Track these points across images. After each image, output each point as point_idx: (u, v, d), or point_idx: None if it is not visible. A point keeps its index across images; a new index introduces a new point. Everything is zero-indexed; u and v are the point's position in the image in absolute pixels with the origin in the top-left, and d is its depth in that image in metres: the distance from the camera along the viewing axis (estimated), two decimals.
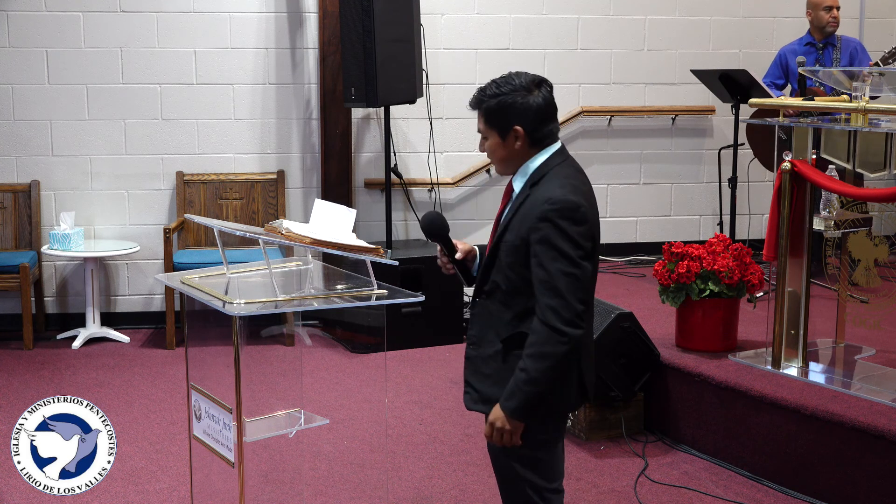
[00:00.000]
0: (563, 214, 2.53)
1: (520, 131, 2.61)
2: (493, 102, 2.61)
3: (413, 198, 6.59)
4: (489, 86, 2.65)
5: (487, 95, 2.62)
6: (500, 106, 2.60)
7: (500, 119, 2.61)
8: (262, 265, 3.31)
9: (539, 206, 2.56)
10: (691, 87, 6.74)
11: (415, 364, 5.58)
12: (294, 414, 3.47)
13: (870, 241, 4.24)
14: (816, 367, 4.31)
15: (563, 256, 2.52)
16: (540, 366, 2.51)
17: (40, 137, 6.21)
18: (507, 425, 2.56)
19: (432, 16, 6.46)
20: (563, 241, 2.52)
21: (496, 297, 2.66)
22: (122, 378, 5.38)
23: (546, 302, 2.51)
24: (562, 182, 2.59)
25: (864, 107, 3.95)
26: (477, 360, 2.70)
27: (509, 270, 2.62)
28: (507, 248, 2.63)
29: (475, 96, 2.66)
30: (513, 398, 2.55)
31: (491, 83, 2.65)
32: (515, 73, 2.65)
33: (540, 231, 2.54)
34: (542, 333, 2.52)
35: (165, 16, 6.22)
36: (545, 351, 2.51)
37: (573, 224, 2.53)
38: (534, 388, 2.53)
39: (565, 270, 2.51)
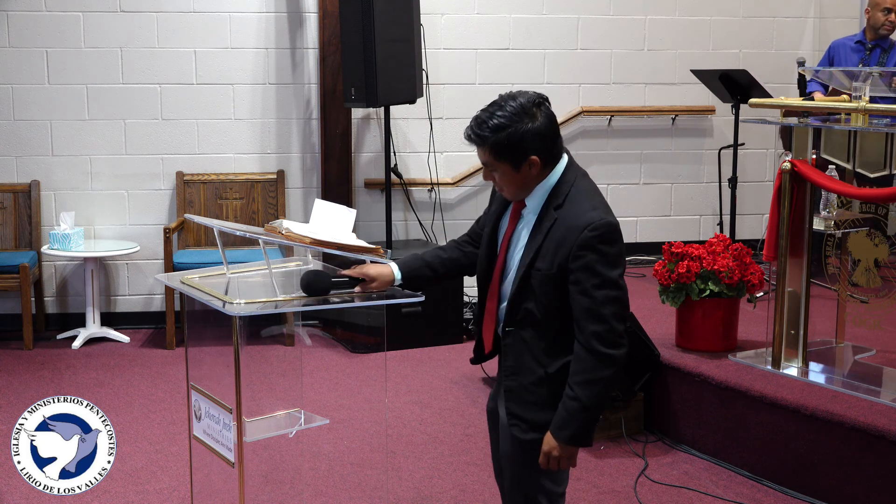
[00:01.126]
0: (604, 239, 2.49)
1: (535, 160, 2.53)
2: (502, 137, 2.50)
3: (413, 198, 6.59)
4: (487, 117, 2.52)
5: (491, 130, 2.50)
6: (511, 139, 2.49)
7: (511, 152, 2.51)
8: (262, 265, 3.31)
9: (577, 232, 2.49)
10: (691, 87, 6.74)
11: (415, 364, 5.58)
12: (294, 414, 3.47)
13: (870, 241, 4.24)
14: (816, 367, 4.31)
15: (607, 283, 2.49)
16: (591, 392, 2.50)
17: (40, 137, 6.21)
18: (564, 453, 2.56)
19: (432, 16, 6.46)
20: (606, 266, 2.49)
21: (530, 325, 2.60)
22: (122, 378, 5.38)
23: (591, 329, 2.49)
24: (592, 202, 2.54)
25: (864, 107, 3.95)
26: (519, 390, 2.64)
27: (545, 298, 2.56)
28: (541, 277, 2.55)
29: (475, 133, 2.54)
30: (567, 427, 2.53)
31: (487, 114, 2.53)
32: (510, 97, 2.55)
33: (582, 259, 2.49)
34: (588, 361, 2.50)
35: (165, 16, 6.22)
36: (594, 377, 2.49)
37: (613, 245, 2.50)
38: (586, 414, 2.52)
39: (611, 296, 2.49)
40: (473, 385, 5.21)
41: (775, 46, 7.02)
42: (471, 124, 2.56)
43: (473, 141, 2.56)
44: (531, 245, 2.59)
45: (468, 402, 4.98)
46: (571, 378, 2.52)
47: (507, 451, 2.73)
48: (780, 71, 6.72)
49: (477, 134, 2.54)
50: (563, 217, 2.54)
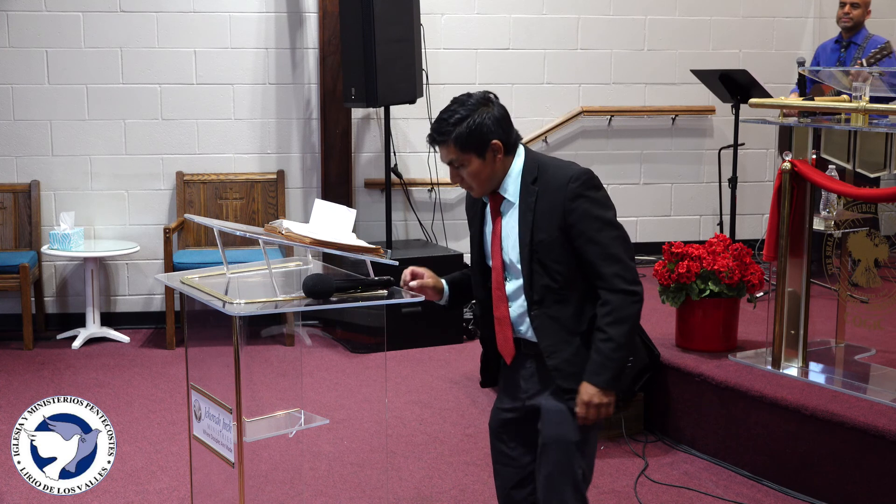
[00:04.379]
0: (589, 185, 2.61)
1: (498, 144, 2.64)
2: (463, 128, 2.62)
3: (413, 198, 6.59)
4: (447, 116, 2.65)
5: (451, 124, 2.62)
6: (471, 128, 2.61)
7: (475, 140, 2.62)
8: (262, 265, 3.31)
9: (562, 189, 2.60)
10: (691, 87, 6.74)
11: (415, 364, 5.58)
12: (294, 414, 3.47)
13: (870, 241, 4.24)
14: (816, 367, 4.31)
15: (606, 223, 2.60)
16: (622, 330, 2.58)
17: (40, 137, 6.21)
18: (605, 398, 2.63)
19: (432, 16, 6.46)
20: (600, 209, 2.60)
21: (551, 299, 2.67)
22: (122, 378, 5.38)
23: (609, 270, 2.58)
24: (562, 163, 2.68)
25: (864, 107, 3.95)
26: (563, 365, 2.68)
27: (557, 265, 2.63)
28: (546, 247, 2.63)
29: (435, 132, 2.65)
30: (605, 370, 2.60)
31: (446, 113, 2.65)
32: (462, 97, 2.69)
33: (577, 210, 2.59)
34: (615, 300, 2.59)
35: (165, 16, 6.22)
36: (623, 315, 2.59)
37: (598, 190, 2.63)
38: (621, 353, 2.60)
39: (614, 235, 2.61)
40: (473, 385, 5.21)
41: (775, 46, 7.02)
42: (432, 127, 2.68)
43: (437, 140, 2.67)
44: (524, 225, 2.66)
45: (468, 402, 4.98)
46: (600, 322, 2.60)
47: (560, 434, 2.72)
48: (780, 71, 6.72)
49: (439, 132, 2.65)
50: (543, 186, 2.64)
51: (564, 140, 6.75)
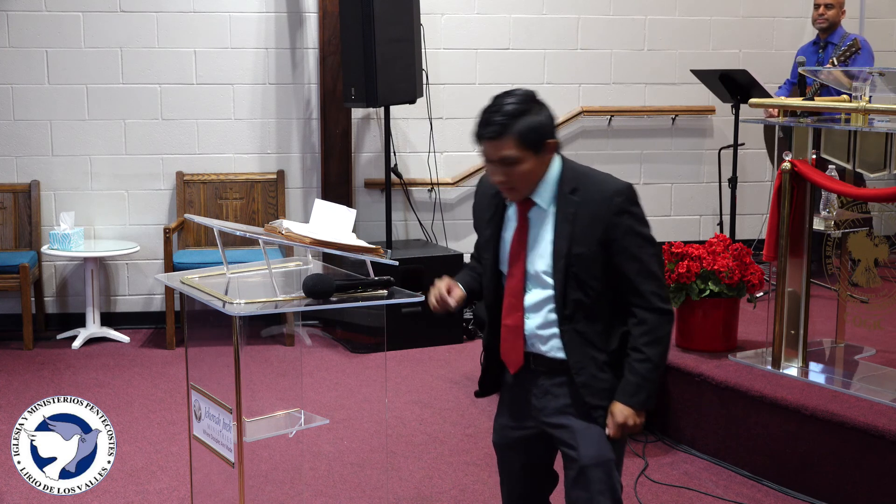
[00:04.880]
0: (632, 200, 2.54)
1: (554, 144, 2.54)
2: (524, 123, 2.47)
3: (413, 198, 6.59)
4: (503, 107, 2.48)
5: (511, 116, 2.46)
6: (531, 125, 2.48)
7: (534, 137, 2.49)
8: (262, 265, 3.31)
9: (607, 203, 2.51)
10: (691, 87, 6.74)
11: (415, 364, 5.58)
12: (294, 414, 3.47)
13: (870, 241, 4.24)
14: (816, 367, 4.31)
15: (647, 241, 2.56)
16: (659, 350, 2.55)
17: (40, 137, 6.21)
18: (638, 419, 2.57)
19: (432, 16, 6.46)
20: (641, 225, 2.56)
21: (581, 315, 2.58)
22: (122, 378, 5.38)
23: (647, 288, 2.54)
24: (601, 174, 2.60)
25: (864, 107, 3.95)
26: (591, 381, 2.59)
27: (594, 282, 2.55)
28: (584, 261, 2.54)
29: (497, 123, 2.47)
30: (641, 391, 2.54)
31: (499, 105, 2.49)
32: (507, 93, 2.53)
33: (621, 225, 2.51)
34: (653, 320, 2.54)
35: (165, 16, 6.23)
36: (660, 335, 2.55)
37: (639, 205, 2.57)
38: (657, 374, 2.56)
39: (652, 252, 2.57)
40: (473, 385, 5.18)
41: (775, 46, 7.02)
42: (487, 118, 2.49)
43: (493, 134, 2.48)
44: (561, 236, 2.55)
45: (468, 402, 4.98)
46: (637, 341, 2.55)
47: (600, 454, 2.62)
48: (780, 71, 6.72)
49: (500, 123, 2.47)
50: (583, 197, 2.53)
51: (564, 140, 6.75)
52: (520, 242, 2.62)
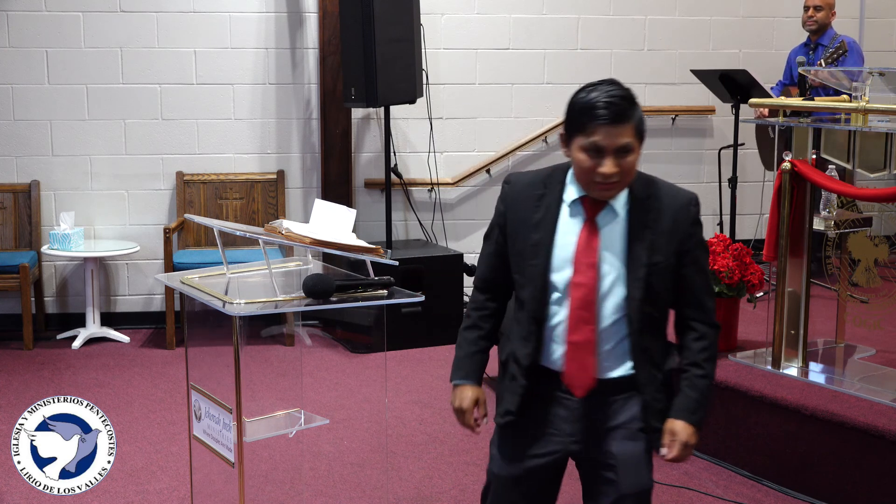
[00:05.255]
0: (700, 211, 2.48)
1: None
2: (640, 112, 2.32)
3: (413, 198, 6.59)
4: (617, 92, 2.28)
5: (631, 102, 2.29)
6: (642, 115, 2.34)
7: (643, 129, 2.35)
8: (262, 265, 3.31)
9: (685, 211, 2.40)
10: (691, 87, 6.74)
11: (415, 364, 5.58)
12: (294, 414, 3.47)
13: (870, 241, 4.24)
14: (816, 367, 4.31)
15: (707, 252, 2.52)
16: (714, 366, 2.45)
17: (40, 137, 6.21)
18: (697, 438, 2.41)
19: (432, 16, 6.46)
20: (704, 238, 2.50)
21: (648, 329, 2.39)
22: (122, 378, 5.38)
23: (710, 304, 2.44)
24: (667, 182, 2.51)
25: (864, 107, 3.95)
26: (653, 402, 2.42)
27: (666, 294, 2.40)
28: (659, 272, 2.37)
29: (622, 106, 2.26)
30: (701, 409, 2.41)
31: (611, 89, 2.28)
32: (610, 81, 2.31)
33: (695, 235, 2.42)
34: (712, 336, 2.44)
35: (165, 16, 6.23)
36: (715, 351, 2.45)
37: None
38: (712, 391, 2.47)
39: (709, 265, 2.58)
40: None
41: (775, 46, 7.02)
42: (609, 101, 2.26)
43: (618, 118, 2.25)
44: (639, 243, 2.36)
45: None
46: (698, 357, 2.42)
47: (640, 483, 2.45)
48: (780, 71, 6.72)
49: (624, 107, 2.26)
50: (659, 204, 2.40)
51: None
52: (590, 247, 2.37)
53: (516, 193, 2.47)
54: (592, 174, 2.30)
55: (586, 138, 2.28)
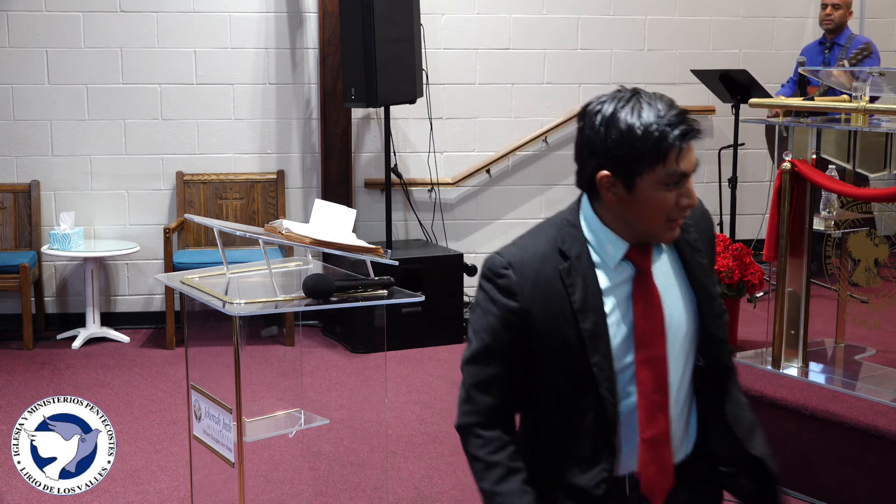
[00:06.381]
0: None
1: None
2: None
3: (413, 198, 6.59)
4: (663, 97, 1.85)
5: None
6: None
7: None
8: (262, 265, 3.31)
9: (706, 220, 2.00)
10: (691, 87, 6.74)
11: (415, 364, 5.58)
12: (294, 414, 3.47)
13: (870, 241, 4.24)
14: (816, 367, 4.31)
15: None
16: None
17: (40, 137, 6.21)
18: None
19: (432, 16, 6.46)
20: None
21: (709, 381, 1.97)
22: (122, 378, 5.38)
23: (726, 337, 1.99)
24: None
25: (864, 107, 3.95)
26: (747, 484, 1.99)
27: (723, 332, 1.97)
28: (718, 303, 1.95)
29: (688, 114, 1.83)
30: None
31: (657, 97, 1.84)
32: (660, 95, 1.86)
33: (713, 249, 2.01)
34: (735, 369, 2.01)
35: (165, 16, 6.22)
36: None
37: None
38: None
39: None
40: None
41: (775, 46, 7.02)
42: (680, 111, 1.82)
43: (698, 137, 1.83)
44: (698, 273, 1.92)
45: None
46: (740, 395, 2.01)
47: None
48: (780, 71, 6.72)
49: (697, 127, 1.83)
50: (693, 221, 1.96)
51: (564, 140, 6.75)
52: (651, 309, 1.85)
53: (529, 278, 1.86)
54: (672, 211, 1.82)
55: (666, 168, 1.79)
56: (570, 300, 1.83)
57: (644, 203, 1.81)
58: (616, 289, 1.86)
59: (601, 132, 1.82)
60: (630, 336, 1.85)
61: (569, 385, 1.86)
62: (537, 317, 1.84)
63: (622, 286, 1.86)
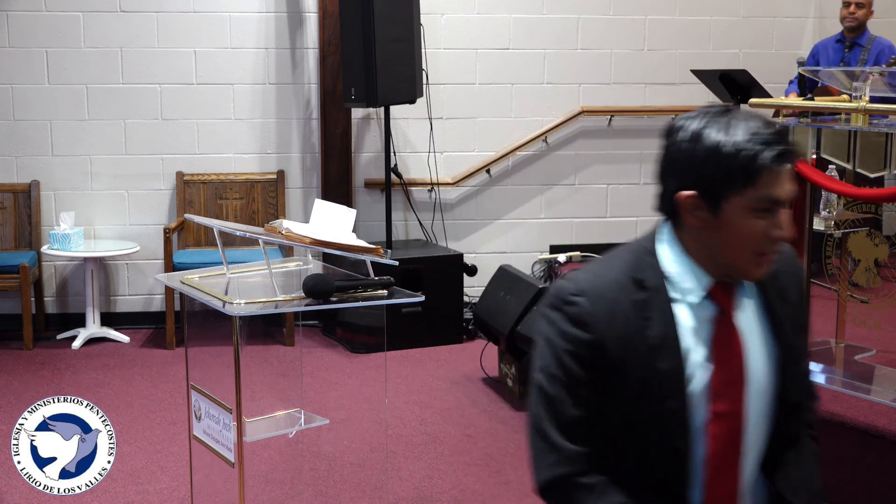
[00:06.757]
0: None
1: None
2: None
3: (413, 198, 6.59)
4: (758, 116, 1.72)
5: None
6: None
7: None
8: (262, 265, 3.31)
9: (793, 264, 1.82)
10: (691, 87, 6.73)
11: (415, 364, 5.58)
12: (294, 414, 3.47)
13: (870, 241, 4.24)
14: (816, 367, 4.31)
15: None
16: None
17: (40, 137, 6.21)
18: None
19: (432, 16, 6.46)
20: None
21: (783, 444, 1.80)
22: (122, 378, 5.38)
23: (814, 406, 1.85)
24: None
25: (864, 107, 3.95)
26: None
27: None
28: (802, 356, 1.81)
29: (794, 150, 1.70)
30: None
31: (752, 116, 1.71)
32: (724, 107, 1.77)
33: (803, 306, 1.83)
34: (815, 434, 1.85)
35: (165, 16, 6.22)
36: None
37: None
38: None
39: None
40: (473, 385, 5.21)
41: (775, 46, 7.02)
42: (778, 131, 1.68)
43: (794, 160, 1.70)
44: (784, 323, 1.73)
45: (468, 402, 4.98)
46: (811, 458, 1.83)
47: None
48: (780, 71, 6.71)
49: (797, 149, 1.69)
50: (782, 266, 1.76)
51: (564, 140, 6.75)
52: (733, 357, 1.68)
53: (603, 309, 1.70)
54: (761, 243, 1.66)
55: (756, 192, 1.63)
56: (645, 336, 1.66)
57: (730, 230, 1.65)
58: (694, 329, 1.68)
59: (686, 149, 1.70)
60: (706, 384, 1.67)
61: (636, 432, 1.67)
62: (612, 350, 1.67)
63: (702, 327, 1.69)
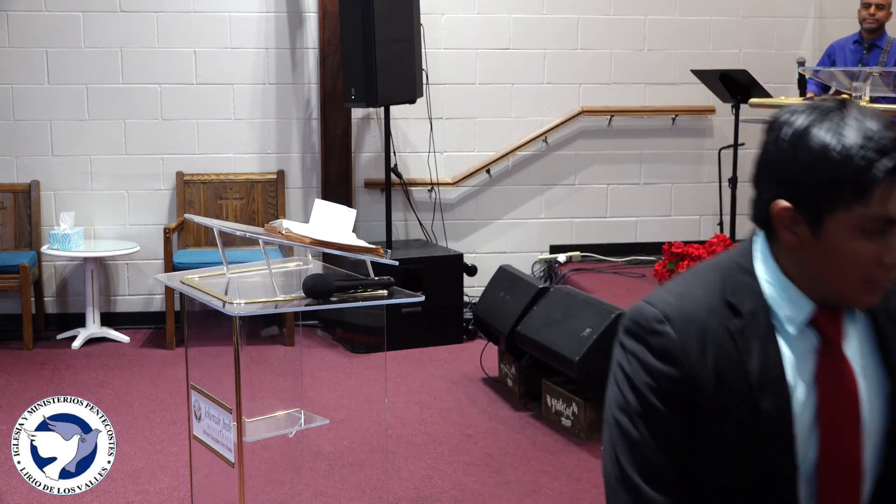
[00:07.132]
0: None
1: None
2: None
3: (413, 198, 6.59)
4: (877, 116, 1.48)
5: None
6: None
7: None
8: (262, 265, 3.31)
9: None
10: (691, 87, 6.74)
11: (415, 364, 5.58)
12: (294, 414, 3.47)
13: None
14: None
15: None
16: None
17: (40, 137, 6.21)
18: None
19: (432, 16, 6.46)
20: None
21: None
22: (122, 378, 5.38)
23: None
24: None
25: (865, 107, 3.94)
26: None
27: None
28: None
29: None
30: None
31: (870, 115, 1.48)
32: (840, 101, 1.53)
33: None
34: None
35: (165, 16, 6.22)
36: None
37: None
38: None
39: None
40: (473, 385, 5.21)
41: (775, 46, 7.02)
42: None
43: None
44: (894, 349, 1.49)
45: (468, 402, 4.98)
46: None
47: None
48: (780, 71, 6.72)
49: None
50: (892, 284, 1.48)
51: (564, 140, 6.76)
52: (844, 392, 1.45)
53: (694, 337, 1.45)
54: (871, 269, 1.41)
55: (869, 209, 1.38)
56: (745, 370, 1.43)
57: (833, 252, 1.41)
58: (796, 362, 1.45)
59: (787, 151, 1.44)
60: (814, 426, 1.43)
61: (734, 480, 1.44)
62: (706, 388, 1.43)
63: (804, 359, 1.45)
